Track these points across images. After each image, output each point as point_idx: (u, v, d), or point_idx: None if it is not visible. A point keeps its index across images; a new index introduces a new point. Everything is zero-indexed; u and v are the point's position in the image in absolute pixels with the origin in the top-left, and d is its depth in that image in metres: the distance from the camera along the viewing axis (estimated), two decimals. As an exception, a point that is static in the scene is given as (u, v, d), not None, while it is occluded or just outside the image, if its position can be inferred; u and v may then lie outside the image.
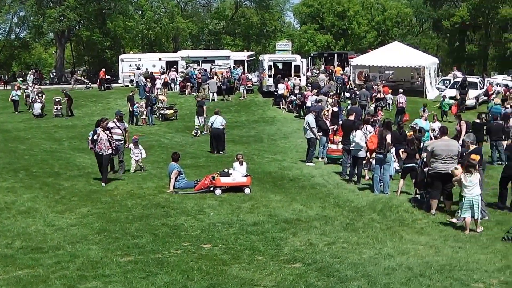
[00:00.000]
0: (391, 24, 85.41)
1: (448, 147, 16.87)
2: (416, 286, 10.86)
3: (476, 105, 42.52)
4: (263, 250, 13.01)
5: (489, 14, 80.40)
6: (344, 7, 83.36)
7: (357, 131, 21.10)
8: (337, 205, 17.84)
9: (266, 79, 48.80)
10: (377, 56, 50.18)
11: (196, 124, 34.19)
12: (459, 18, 78.01)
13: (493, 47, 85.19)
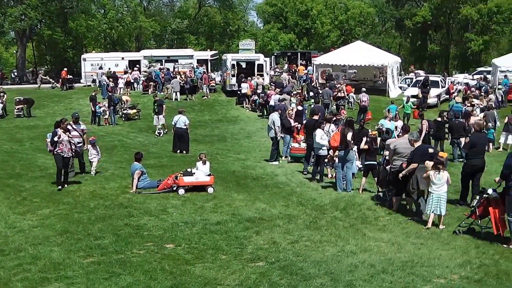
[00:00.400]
0: (354, 23, 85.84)
1: (409, 145, 17.04)
2: (379, 282, 10.95)
3: (438, 103, 42.95)
4: (227, 249, 13.02)
5: (451, 13, 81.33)
6: (307, 6, 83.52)
7: (317, 130, 21.19)
8: (300, 203, 17.91)
9: (230, 78, 48.67)
10: (340, 55, 50.41)
11: (155, 124, 34.02)
12: (421, 17, 78.79)
13: (454, 46, 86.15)
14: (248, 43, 63.23)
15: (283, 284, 10.92)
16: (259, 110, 41.33)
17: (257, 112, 41.56)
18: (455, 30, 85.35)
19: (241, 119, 39.91)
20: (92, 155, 22.38)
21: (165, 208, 17.02)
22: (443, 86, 45.73)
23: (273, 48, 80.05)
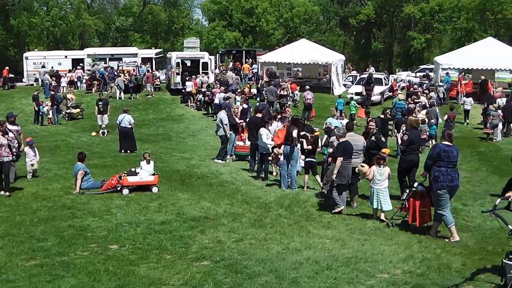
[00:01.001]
0: (299, 21, 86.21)
1: (354, 142, 17.28)
2: (323, 279, 11.04)
3: (381, 101, 43.50)
4: (171, 249, 12.99)
5: (394, 12, 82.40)
6: (252, 4, 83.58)
7: (262, 130, 21.27)
8: (245, 201, 17.97)
9: (174, 77, 48.43)
10: (285, 53, 50.71)
11: (99, 124, 33.69)
12: (365, 16, 79.67)
13: (398, 44, 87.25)
14: (193, 41, 62.98)
15: (228, 283, 10.93)
16: (204, 109, 41.27)
17: (202, 110, 41.47)
18: (398, 29, 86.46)
19: (186, 117, 39.80)
20: (31, 157, 21.80)
21: (109, 208, 16.87)
22: (387, 84, 46.34)
23: (218, 46, 79.90)
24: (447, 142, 14.26)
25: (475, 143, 31.10)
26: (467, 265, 12.09)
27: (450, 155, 13.91)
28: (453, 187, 13.99)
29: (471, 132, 34.26)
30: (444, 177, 13.82)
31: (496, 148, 29.54)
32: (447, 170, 13.85)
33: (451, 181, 13.85)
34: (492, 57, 43.44)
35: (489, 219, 13.74)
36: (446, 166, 13.87)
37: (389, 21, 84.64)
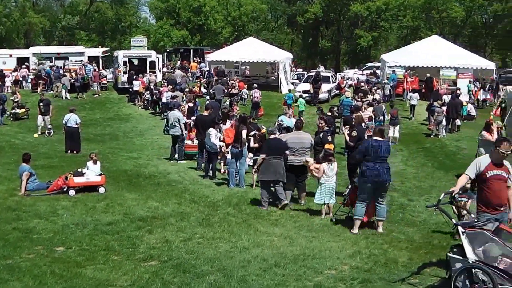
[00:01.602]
0: (247, 19, 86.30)
1: (301, 140, 17.40)
2: (271, 276, 11.07)
3: (329, 98, 43.81)
4: (119, 250, 12.85)
5: (341, 10, 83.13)
6: (200, 2, 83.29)
7: (210, 129, 21.25)
8: (193, 201, 17.91)
9: (121, 76, 48.05)
10: (233, 52, 50.72)
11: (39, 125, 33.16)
12: (313, 14, 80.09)
13: (345, 42, 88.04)
14: (140, 39, 62.74)
15: (176, 283, 10.87)
16: (151, 108, 41.04)
17: (149, 109, 41.23)
18: (346, 27, 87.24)
19: (133, 117, 39.53)
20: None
21: (55, 210, 16.59)
22: (334, 82, 46.71)
23: (166, 45, 79.50)
24: (377, 137, 14.49)
25: (421, 139, 31.58)
26: (413, 260, 12.25)
27: (378, 150, 14.06)
28: (379, 182, 14.13)
29: (417, 128, 34.74)
30: (371, 171, 14.01)
31: (441, 144, 30.02)
32: (374, 165, 14.01)
33: (376, 176, 14.01)
34: (437, 55, 44.17)
35: (433, 213, 13.98)
36: (373, 161, 14.05)
37: (336, 20, 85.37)
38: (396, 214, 16.51)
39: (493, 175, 10.56)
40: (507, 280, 9.31)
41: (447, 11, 78.24)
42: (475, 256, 9.74)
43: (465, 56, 46.07)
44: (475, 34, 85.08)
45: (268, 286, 10.68)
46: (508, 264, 9.54)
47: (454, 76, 43.54)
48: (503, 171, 10.53)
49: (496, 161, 10.53)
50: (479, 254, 9.80)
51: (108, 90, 49.75)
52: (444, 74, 43.87)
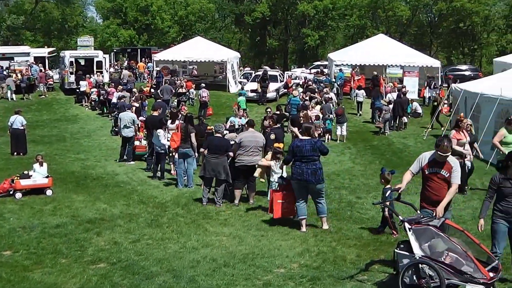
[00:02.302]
0: (194, 19, 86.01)
1: (255, 139, 17.47)
2: (221, 276, 11.11)
3: (277, 97, 43.99)
4: (67, 253, 12.75)
5: (288, 10, 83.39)
6: (147, 2, 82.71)
7: (158, 130, 21.18)
8: (141, 202, 17.84)
9: (68, 76, 47.48)
10: (180, 51, 50.62)
11: None
12: (260, 13, 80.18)
13: (293, 41, 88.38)
14: (87, 39, 62.09)
15: (125, 285, 10.85)
16: (98, 108, 40.65)
17: (96, 110, 40.82)
18: (293, 26, 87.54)
19: (81, 118, 39.02)
20: None
21: (2, 213, 16.36)
22: (282, 81, 46.93)
23: (113, 45, 78.81)
24: (304, 136, 14.56)
25: (368, 137, 31.88)
26: (361, 256, 12.41)
27: (302, 149, 14.14)
28: (302, 181, 14.21)
29: (364, 126, 35.08)
30: (296, 169, 14.19)
31: (388, 142, 30.37)
32: (300, 164, 14.14)
33: (300, 174, 14.12)
34: (383, 53, 44.76)
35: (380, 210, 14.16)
36: (299, 160, 14.18)
37: (283, 19, 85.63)
38: (344, 211, 16.66)
39: (432, 172, 10.77)
40: (453, 275, 9.49)
41: (393, 10, 79.26)
42: (422, 251, 9.90)
43: (411, 54, 46.82)
44: (420, 32, 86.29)
45: (217, 286, 10.73)
46: (454, 259, 9.73)
47: (400, 74, 44.12)
48: (444, 170, 10.71)
49: (438, 159, 10.72)
50: (426, 250, 9.97)
51: (54, 91, 49.07)
52: (390, 73, 44.44)
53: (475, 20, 75.89)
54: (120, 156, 25.16)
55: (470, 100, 27.97)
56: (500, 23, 79.56)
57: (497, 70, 41.95)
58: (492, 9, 79.22)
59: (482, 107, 26.51)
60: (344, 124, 30.39)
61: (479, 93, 26.68)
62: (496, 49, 78.74)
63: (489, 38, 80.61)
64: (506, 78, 28.33)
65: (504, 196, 10.49)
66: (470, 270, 9.58)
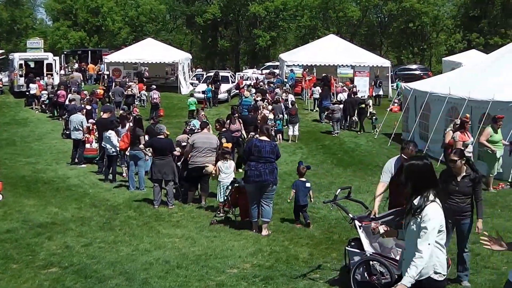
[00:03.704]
0: (145, 20, 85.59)
1: (209, 140, 17.50)
2: (174, 278, 11.10)
3: (228, 98, 44.09)
4: (18, 258, 12.58)
5: (240, 11, 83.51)
6: (98, 3, 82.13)
7: (109, 131, 21.08)
8: (93, 205, 17.74)
9: (17, 79, 46.82)
10: (132, 53, 50.33)
11: None
12: (211, 14, 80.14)
13: (244, 42, 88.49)
14: (37, 41, 61.26)
15: (77, 288, 10.82)
16: (49, 111, 40.21)
17: (47, 113, 40.37)
18: (244, 27, 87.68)
19: (31, 121, 38.53)
20: None
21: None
22: (233, 82, 47.04)
23: (63, 47, 78.03)
24: (263, 137, 14.39)
25: (320, 137, 32.14)
26: (314, 255, 12.55)
27: (261, 150, 14.02)
28: (261, 182, 14.07)
29: (316, 126, 35.33)
30: (252, 171, 14.04)
31: (339, 141, 30.66)
32: (256, 165, 14.00)
33: (258, 176, 13.98)
34: (334, 54, 45.19)
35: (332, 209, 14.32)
36: (256, 161, 14.03)
37: (235, 20, 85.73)
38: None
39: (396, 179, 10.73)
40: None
41: (344, 10, 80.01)
42: (372, 248, 10.06)
43: (361, 54, 47.33)
44: (371, 33, 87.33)
45: (170, 287, 10.72)
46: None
47: (351, 74, 44.58)
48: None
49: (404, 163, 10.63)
50: (376, 247, 10.13)
51: (4, 94, 48.34)
52: (341, 73, 44.91)
53: (424, 20, 77.07)
54: (71, 159, 24.97)
55: (419, 99, 28.38)
56: (448, 23, 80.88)
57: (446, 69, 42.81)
58: (441, 9, 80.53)
59: (432, 106, 26.91)
60: (297, 124, 30.58)
61: (429, 92, 27.06)
62: (445, 48, 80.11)
63: (438, 38, 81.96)
64: (455, 77, 28.85)
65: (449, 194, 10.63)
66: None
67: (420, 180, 6.74)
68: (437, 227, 6.53)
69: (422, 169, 6.79)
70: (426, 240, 6.45)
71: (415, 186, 6.75)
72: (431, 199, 6.61)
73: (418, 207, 6.62)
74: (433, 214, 6.53)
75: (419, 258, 6.42)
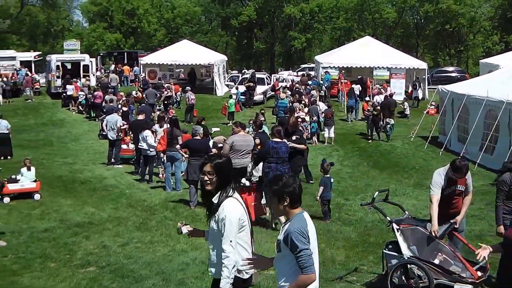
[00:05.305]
0: (181, 22, 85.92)
1: (246, 142, 17.46)
2: (210, 279, 11.05)
3: (264, 100, 44.03)
4: (55, 257, 12.73)
5: (275, 12, 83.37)
6: (134, 5, 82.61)
7: (145, 131, 21.14)
8: (129, 205, 17.83)
9: (54, 80, 47.31)
10: (167, 55, 50.54)
11: None
12: (247, 16, 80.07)
13: (279, 44, 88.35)
14: (73, 43, 61.81)
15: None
16: (86, 112, 40.53)
17: (83, 114, 40.71)
18: (279, 29, 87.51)
19: (67, 121, 38.87)
20: None
21: (-9, 219, 16.34)
22: (269, 83, 46.97)
23: (99, 48, 78.62)
24: (276, 138, 15.03)
25: (356, 139, 31.94)
26: (350, 258, 12.49)
27: (279, 151, 14.68)
28: None
29: (352, 128, 35.12)
30: (274, 172, 14.36)
31: (375, 144, 30.43)
32: (276, 165, 14.57)
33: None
34: (370, 56, 44.84)
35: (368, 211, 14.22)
36: (275, 162, 14.63)
37: (270, 22, 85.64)
38: (332, 213, 16.66)
39: (450, 191, 10.43)
40: (442, 275, 9.55)
41: (380, 12, 79.47)
42: (410, 252, 9.95)
43: (397, 56, 46.92)
44: (407, 34, 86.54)
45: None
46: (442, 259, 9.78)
47: (387, 76, 44.24)
48: (459, 185, 10.40)
49: (453, 178, 10.33)
50: (414, 250, 10.02)
51: (41, 95, 48.88)
52: (377, 75, 44.54)
53: (461, 21, 76.15)
54: (107, 160, 25.12)
55: (457, 102, 28.07)
56: (485, 25, 79.81)
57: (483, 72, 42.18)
58: (478, 10, 79.50)
59: (470, 109, 26.62)
60: (332, 127, 30.43)
61: (466, 94, 26.78)
62: (482, 50, 79.09)
63: (475, 40, 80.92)
64: (492, 79, 28.48)
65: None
66: (458, 270, 9.63)
67: (224, 176, 6.64)
68: (235, 223, 6.44)
69: (225, 165, 6.71)
70: (228, 238, 6.39)
71: (220, 183, 6.62)
72: (229, 195, 6.55)
73: (217, 204, 6.54)
74: (231, 210, 6.46)
75: (226, 258, 6.37)
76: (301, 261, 5.76)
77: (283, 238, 5.91)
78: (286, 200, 6.00)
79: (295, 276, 5.85)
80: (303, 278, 5.77)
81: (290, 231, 5.85)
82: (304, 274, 5.76)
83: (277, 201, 6.04)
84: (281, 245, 5.96)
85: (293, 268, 5.86)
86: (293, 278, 5.89)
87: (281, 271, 6.09)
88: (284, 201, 6.01)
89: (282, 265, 6.05)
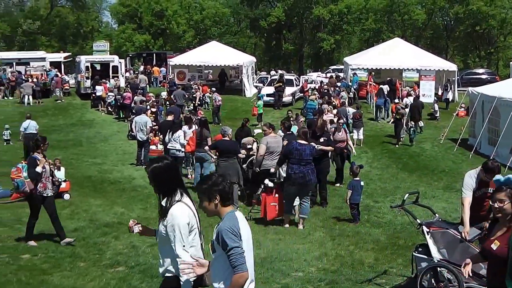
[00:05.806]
0: (210, 23, 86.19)
1: (277, 144, 17.45)
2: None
3: (293, 101, 43.97)
4: (85, 256, 12.77)
5: (303, 14, 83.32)
6: (162, 7, 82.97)
7: (179, 132, 21.17)
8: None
9: (84, 81, 47.61)
10: (196, 56, 50.70)
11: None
12: (275, 18, 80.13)
13: (308, 45, 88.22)
14: (103, 44, 62.27)
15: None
16: (115, 113, 40.74)
17: (113, 115, 40.93)
18: (308, 30, 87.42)
19: (97, 122, 39.12)
20: None
21: (20, 217, 16.37)
22: (298, 85, 46.90)
23: (128, 49, 78.99)
24: (301, 140, 15.11)
25: (385, 140, 31.77)
26: (379, 260, 12.41)
27: (302, 153, 14.77)
28: (304, 183, 14.89)
29: (381, 130, 34.96)
30: (296, 174, 14.67)
31: (404, 146, 30.26)
32: (299, 167, 14.70)
33: (302, 177, 14.77)
34: (399, 57, 44.61)
35: (397, 213, 14.13)
36: (298, 163, 14.74)
37: (298, 23, 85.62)
38: (361, 215, 16.60)
39: (481, 194, 10.31)
40: (472, 278, 9.43)
41: (409, 13, 79.04)
42: (440, 255, 9.86)
43: (427, 58, 46.59)
44: (436, 36, 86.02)
45: (235, 289, 10.68)
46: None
47: (416, 78, 43.98)
48: (491, 187, 10.03)
49: (484, 180, 10.14)
50: (444, 253, 9.92)
51: (70, 96, 49.23)
52: (406, 76, 44.32)
53: (491, 23, 75.47)
54: (136, 160, 25.21)
55: (487, 104, 27.82)
56: (516, 26, 79.22)
57: (514, 74, 41.82)
58: (508, 12, 78.67)
59: (500, 111, 26.36)
60: (361, 129, 30.28)
61: (497, 96, 26.53)
62: (512, 52, 78.49)
63: (505, 42, 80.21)
64: (524, 81, 28.23)
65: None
66: (489, 274, 9.51)
67: (164, 181, 6.60)
68: (184, 227, 6.38)
69: (165, 169, 6.65)
70: (180, 243, 6.34)
71: (160, 188, 6.63)
72: (177, 199, 6.51)
73: (166, 209, 6.49)
74: (179, 215, 6.40)
75: (182, 264, 6.28)
76: (232, 260, 5.72)
77: (215, 237, 5.88)
78: (217, 198, 5.99)
79: (230, 277, 5.82)
80: (235, 277, 5.73)
81: (221, 229, 5.83)
82: (236, 273, 5.71)
83: (207, 200, 6.03)
84: (215, 245, 5.91)
85: (229, 269, 5.81)
86: (228, 279, 5.86)
87: (216, 272, 6.03)
88: (214, 200, 6.00)
89: (217, 266, 6.00)
